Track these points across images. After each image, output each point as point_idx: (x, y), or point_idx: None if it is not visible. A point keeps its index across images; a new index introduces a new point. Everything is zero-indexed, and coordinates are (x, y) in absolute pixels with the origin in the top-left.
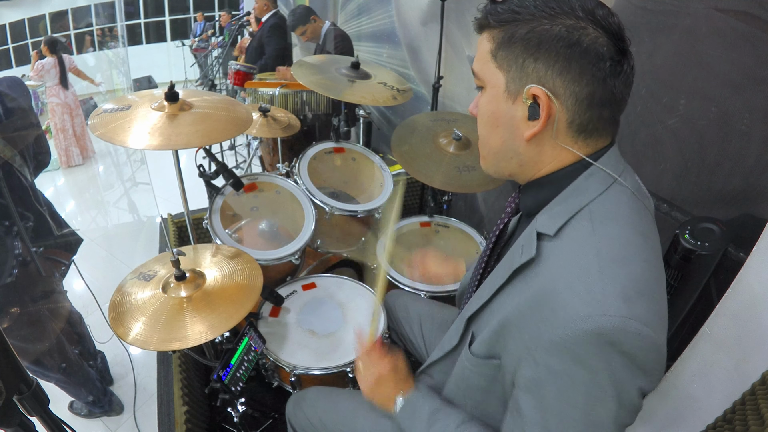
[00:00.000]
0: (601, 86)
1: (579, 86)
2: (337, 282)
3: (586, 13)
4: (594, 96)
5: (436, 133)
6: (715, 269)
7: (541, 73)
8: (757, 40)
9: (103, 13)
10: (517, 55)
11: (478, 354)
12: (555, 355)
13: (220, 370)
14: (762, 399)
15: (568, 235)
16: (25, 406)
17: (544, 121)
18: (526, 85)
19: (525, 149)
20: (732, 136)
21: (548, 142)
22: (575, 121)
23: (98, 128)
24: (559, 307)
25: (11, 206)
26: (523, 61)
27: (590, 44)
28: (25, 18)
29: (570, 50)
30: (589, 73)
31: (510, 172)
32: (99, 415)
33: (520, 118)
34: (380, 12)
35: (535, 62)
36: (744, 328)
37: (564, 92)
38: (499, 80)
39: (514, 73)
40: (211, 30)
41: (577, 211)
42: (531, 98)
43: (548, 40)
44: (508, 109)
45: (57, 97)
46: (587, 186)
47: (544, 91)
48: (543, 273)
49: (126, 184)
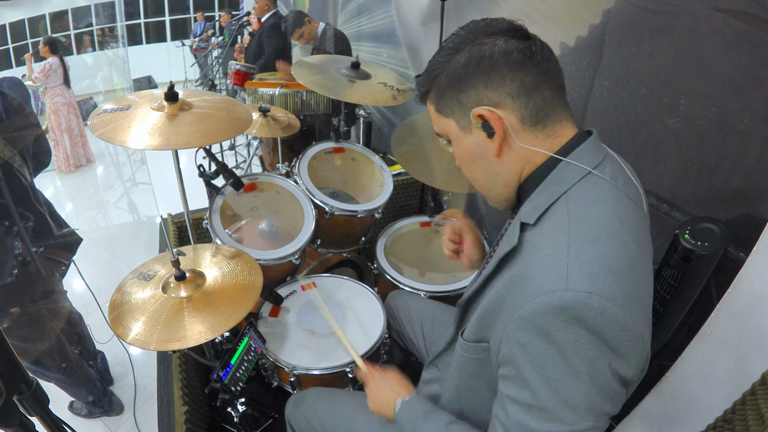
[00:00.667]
0: (523, 73)
1: (508, 86)
2: (337, 282)
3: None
4: (524, 84)
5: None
6: (715, 269)
7: (474, 97)
8: (757, 40)
9: (103, 13)
10: (450, 98)
11: (468, 339)
12: (523, 330)
13: (220, 370)
14: (762, 399)
15: (547, 221)
16: (25, 406)
17: (500, 131)
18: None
19: (501, 166)
20: (732, 136)
21: (515, 148)
22: (525, 115)
23: (98, 128)
24: (528, 284)
25: (11, 206)
26: (458, 99)
27: (491, 50)
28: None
29: (480, 66)
30: (508, 70)
31: (503, 195)
32: (99, 415)
33: (483, 142)
34: (380, 12)
35: (466, 93)
36: (744, 328)
37: (499, 98)
38: (452, 125)
39: (458, 112)
40: (211, 30)
41: (555, 199)
42: (479, 120)
43: (462, 71)
44: (471, 141)
45: (62, 96)
46: (565, 174)
47: (484, 108)
48: (522, 258)
49: (126, 184)
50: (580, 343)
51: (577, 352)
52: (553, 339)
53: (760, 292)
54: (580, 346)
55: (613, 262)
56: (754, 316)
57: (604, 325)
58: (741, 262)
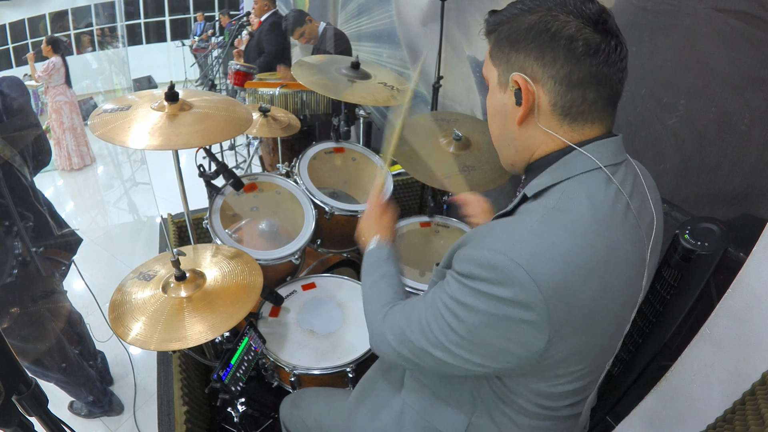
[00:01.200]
0: (577, 66)
1: (555, 69)
2: (337, 282)
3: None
4: (572, 76)
5: (436, 133)
6: (715, 269)
7: (522, 62)
8: (757, 40)
9: (103, 13)
10: (503, 50)
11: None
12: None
13: (220, 370)
14: (762, 399)
15: (539, 200)
16: (24, 406)
17: (527, 104)
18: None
19: (518, 134)
20: (732, 136)
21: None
22: (558, 103)
23: (98, 128)
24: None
25: (11, 206)
26: (508, 54)
27: (559, 29)
28: (25, 18)
29: (540, 37)
30: (563, 55)
31: (512, 160)
32: (99, 415)
33: (510, 106)
34: (380, 12)
35: (517, 53)
36: (744, 328)
37: (542, 76)
38: (494, 75)
39: (503, 66)
40: (211, 30)
41: (557, 182)
42: (515, 85)
43: (523, 32)
44: (500, 99)
45: (64, 95)
46: (574, 162)
47: (522, 76)
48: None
49: (126, 184)
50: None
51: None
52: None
53: (760, 292)
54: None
55: (566, 255)
56: (754, 316)
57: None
58: (741, 262)
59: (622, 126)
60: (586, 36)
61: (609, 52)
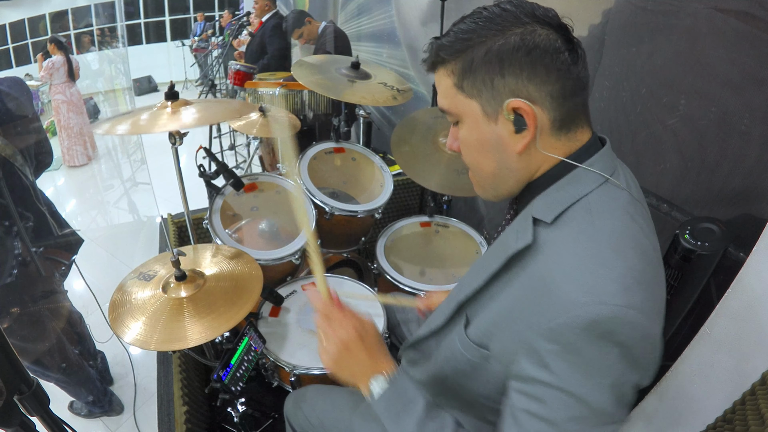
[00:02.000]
0: (567, 77)
1: (550, 85)
2: (337, 282)
3: (528, 16)
4: (565, 88)
5: (436, 131)
6: (715, 269)
7: (513, 86)
8: (757, 40)
9: (103, 13)
10: (483, 78)
11: (473, 339)
12: (552, 342)
13: (220, 370)
14: (762, 399)
15: (567, 224)
16: (26, 406)
17: (533, 128)
18: (502, 102)
19: (518, 163)
20: (732, 136)
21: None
22: (556, 117)
23: (102, 126)
24: (557, 295)
25: (11, 206)
26: (492, 81)
27: (545, 43)
28: (25, 18)
29: (530, 56)
30: (554, 69)
31: (509, 191)
32: (99, 415)
33: (507, 135)
34: (380, 12)
35: (503, 78)
36: (744, 328)
37: (539, 95)
38: (474, 108)
39: (486, 95)
40: (211, 30)
41: (575, 201)
42: (512, 112)
43: (508, 54)
44: (491, 131)
45: (63, 94)
46: (586, 177)
47: (522, 101)
48: (541, 261)
49: (126, 184)
50: (608, 357)
51: (603, 366)
52: (582, 353)
53: (760, 292)
54: (607, 359)
55: (641, 274)
56: (754, 316)
57: (633, 338)
58: (741, 262)
59: (622, 126)
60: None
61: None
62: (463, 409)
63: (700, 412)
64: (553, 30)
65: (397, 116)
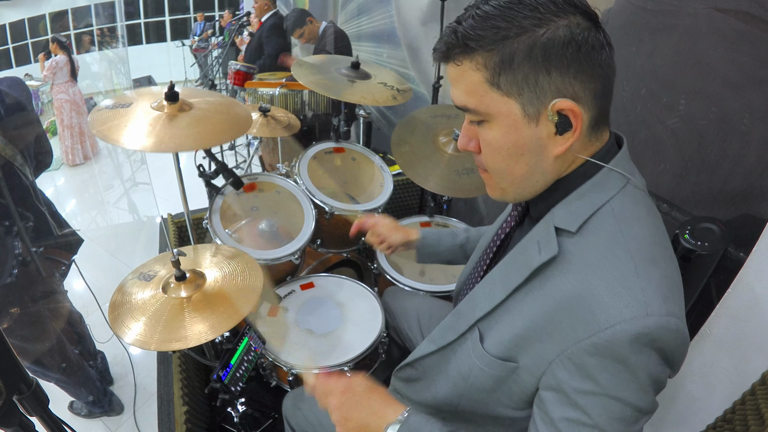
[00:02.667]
0: (607, 74)
1: (594, 82)
2: (337, 282)
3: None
4: (606, 85)
5: (436, 131)
6: (715, 269)
7: (559, 84)
8: (757, 40)
9: (103, 13)
10: (526, 75)
11: (495, 354)
12: (597, 356)
13: (220, 370)
14: (762, 399)
15: (594, 233)
16: (25, 406)
17: (578, 130)
18: (547, 103)
19: (552, 165)
20: (732, 136)
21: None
22: (594, 117)
23: (96, 126)
24: (599, 309)
25: (11, 206)
26: (535, 79)
27: (592, 38)
28: (25, 18)
29: (579, 52)
30: (599, 67)
31: (534, 193)
32: (99, 415)
33: (546, 138)
34: (380, 12)
35: (549, 75)
36: (744, 328)
37: (584, 94)
38: (512, 107)
39: (528, 94)
40: (211, 30)
41: (598, 208)
42: (556, 113)
43: (556, 49)
44: (531, 134)
45: (65, 93)
46: (607, 182)
47: (569, 101)
48: (572, 272)
49: (126, 184)
50: (650, 361)
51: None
52: (628, 364)
53: (760, 292)
54: (650, 365)
55: (673, 281)
56: (754, 316)
57: (675, 344)
58: (741, 262)
59: (622, 126)
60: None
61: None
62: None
63: (700, 412)
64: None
65: (397, 116)
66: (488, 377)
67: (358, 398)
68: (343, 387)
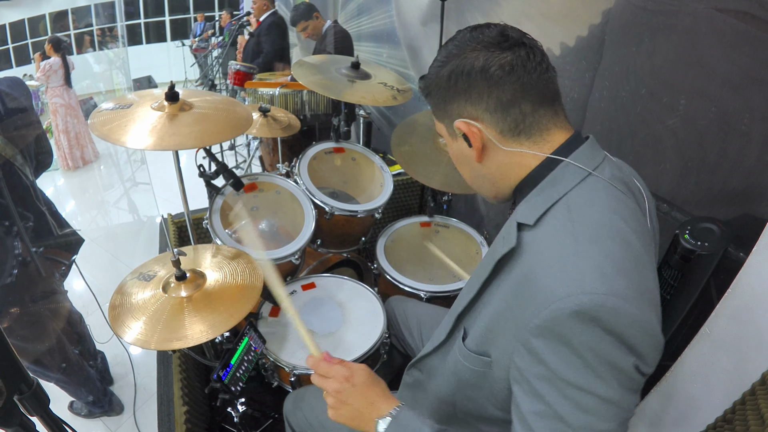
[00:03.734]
0: (501, 89)
1: (484, 102)
2: (337, 282)
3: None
4: (501, 100)
5: (436, 132)
6: (715, 269)
7: (457, 109)
8: (757, 40)
9: (103, 13)
10: (440, 106)
11: (471, 348)
12: (540, 337)
13: (220, 370)
14: (762, 399)
15: (548, 223)
16: (26, 405)
17: (477, 142)
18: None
19: (485, 169)
20: (732, 136)
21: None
22: (504, 128)
23: (97, 128)
24: (538, 290)
25: (11, 206)
26: (444, 108)
27: (471, 65)
28: (25, 18)
29: (460, 81)
30: (485, 87)
31: (493, 192)
32: (99, 415)
33: (465, 150)
34: (380, 12)
35: (449, 104)
36: (744, 328)
37: (478, 113)
38: (442, 129)
39: (446, 120)
40: (211, 30)
41: (555, 201)
42: (459, 131)
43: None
44: (457, 147)
45: (61, 98)
46: (563, 176)
47: (463, 121)
48: (524, 261)
49: (126, 184)
50: (601, 346)
51: (598, 356)
52: (573, 345)
53: (760, 292)
54: (600, 348)
55: (621, 261)
56: (754, 316)
57: (620, 324)
58: (741, 262)
59: (622, 126)
60: (496, 59)
61: (522, 62)
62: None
63: (700, 412)
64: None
65: (397, 116)
66: (470, 373)
67: (357, 387)
68: (345, 374)
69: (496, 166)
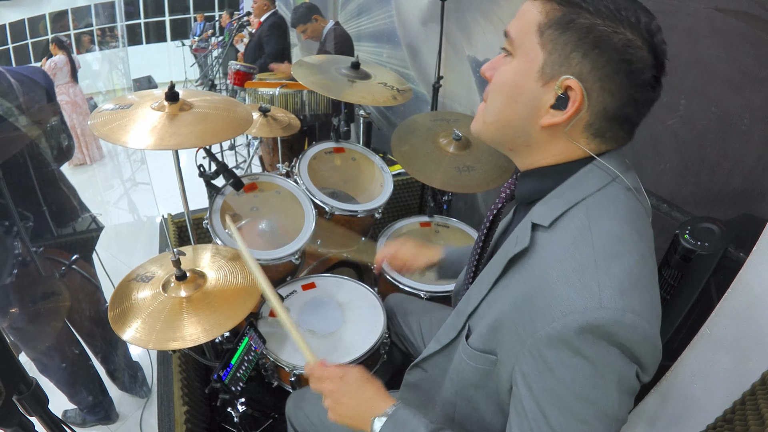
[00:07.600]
0: (632, 106)
1: (612, 98)
2: (337, 282)
3: (649, 33)
4: (621, 111)
5: (436, 133)
6: (715, 269)
7: (584, 70)
8: (757, 40)
9: (103, 13)
10: (567, 42)
11: (476, 347)
12: (552, 348)
13: (220, 370)
14: (762, 399)
15: (564, 227)
16: (25, 406)
17: (568, 116)
18: (563, 75)
19: (538, 133)
20: (732, 136)
21: (561, 134)
22: (594, 126)
23: (98, 128)
24: (552, 298)
25: (11, 206)
26: (571, 51)
27: (639, 67)
28: (25, 18)
29: (619, 65)
30: (627, 92)
31: (511, 146)
32: (94, 423)
33: (543, 103)
34: (380, 12)
35: (583, 58)
36: (744, 328)
37: (596, 97)
38: (537, 57)
39: (556, 57)
40: (211, 30)
41: (573, 205)
42: (563, 89)
43: (604, 45)
44: (534, 90)
45: (66, 95)
46: (586, 181)
47: (582, 87)
48: (537, 264)
49: (126, 184)
50: (610, 357)
51: (607, 365)
52: (584, 355)
53: (760, 292)
54: (609, 359)
55: (638, 278)
56: (754, 316)
57: (633, 341)
58: (741, 262)
59: None
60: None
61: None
62: None
63: (700, 412)
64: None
65: (397, 116)
66: (474, 372)
67: (352, 387)
68: (339, 373)
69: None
